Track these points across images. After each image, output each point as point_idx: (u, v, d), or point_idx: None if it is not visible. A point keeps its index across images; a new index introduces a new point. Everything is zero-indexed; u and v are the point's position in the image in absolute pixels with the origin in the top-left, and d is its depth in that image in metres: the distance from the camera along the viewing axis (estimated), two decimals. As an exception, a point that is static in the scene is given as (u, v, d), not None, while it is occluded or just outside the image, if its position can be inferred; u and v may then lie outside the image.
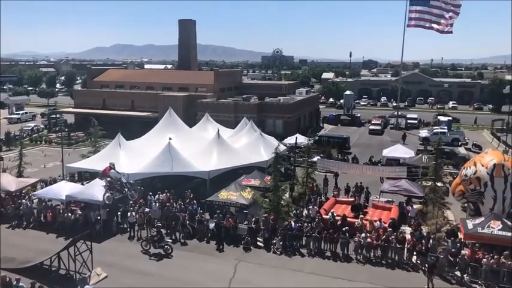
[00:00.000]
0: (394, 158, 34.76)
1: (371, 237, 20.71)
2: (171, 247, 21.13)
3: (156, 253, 20.96)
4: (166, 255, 20.84)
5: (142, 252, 21.19)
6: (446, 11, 54.84)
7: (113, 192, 23.33)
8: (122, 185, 23.75)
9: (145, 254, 21.05)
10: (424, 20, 56.10)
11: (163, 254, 20.86)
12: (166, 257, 20.71)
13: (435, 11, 55.13)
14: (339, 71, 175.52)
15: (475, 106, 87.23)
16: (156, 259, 20.55)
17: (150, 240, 21.30)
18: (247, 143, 33.23)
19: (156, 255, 20.86)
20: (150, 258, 20.64)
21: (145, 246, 21.44)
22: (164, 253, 20.91)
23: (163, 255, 20.80)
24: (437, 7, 55.03)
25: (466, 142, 48.82)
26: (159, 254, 20.87)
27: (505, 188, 21.61)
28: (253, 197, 24.03)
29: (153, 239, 21.21)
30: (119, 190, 23.62)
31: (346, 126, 61.74)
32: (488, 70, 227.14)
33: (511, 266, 17.92)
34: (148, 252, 21.13)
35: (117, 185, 23.64)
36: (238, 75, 74.82)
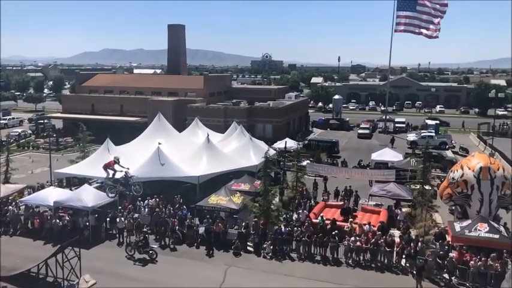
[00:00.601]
0: (382, 162, 35.07)
1: (360, 240, 20.83)
2: (155, 252, 21.01)
3: (141, 258, 20.79)
4: (151, 260, 20.70)
5: (126, 257, 21.02)
6: (435, 16, 55.59)
7: (116, 185, 22.58)
8: (127, 179, 22.85)
9: (129, 259, 20.88)
10: (414, 25, 56.73)
11: (148, 259, 20.70)
12: (151, 262, 20.59)
13: (424, 16, 55.78)
14: (328, 75, 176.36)
15: (461, 110, 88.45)
16: (141, 264, 20.41)
17: (135, 246, 21.15)
18: (237, 148, 33.26)
19: (141, 260, 20.71)
20: (134, 264, 20.50)
21: (129, 252, 21.28)
22: (149, 258, 20.76)
23: (148, 261, 20.65)
24: (427, 13, 55.68)
25: (453, 145, 49.45)
26: (144, 259, 20.71)
27: (491, 190, 21.84)
28: (243, 202, 24.02)
29: (137, 244, 21.06)
30: (123, 184, 22.77)
31: (335, 130, 62.17)
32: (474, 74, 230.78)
33: (498, 268, 18.14)
34: (133, 257, 20.98)
35: (121, 179, 22.78)
36: (227, 79, 74.93)
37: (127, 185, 22.74)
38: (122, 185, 22.65)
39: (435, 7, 55.42)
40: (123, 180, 22.56)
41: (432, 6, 55.40)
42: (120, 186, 22.64)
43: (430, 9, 55.51)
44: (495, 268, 18.20)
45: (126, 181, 22.66)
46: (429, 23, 55.92)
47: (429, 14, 55.61)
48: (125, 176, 22.55)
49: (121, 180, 22.47)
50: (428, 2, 55.38)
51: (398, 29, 58.21)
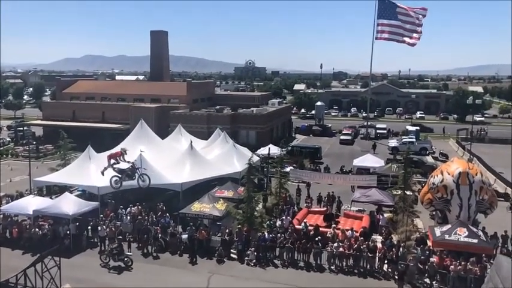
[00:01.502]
0: (364, 167, 35.47)
1: (343, 246, 20.99)
2: (131, 260, 20.75)
3: (116, 266, 20.51)
4: (127, 268, 20.44)
5: (101, 265, 20.70)
6: (418, 25, 56.63)
7: (121, 176, 21.77)
8: (134, 170, 22.12)
9: (104, 267, 20.58)
10: (397, 33, 57.60)
11: (124, 267, 20.43)
12: (127, 270, 20.33)
13: (408, 26, 56.69)
14: (310, 82, 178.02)
15: (441, 116, 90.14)
16: (116, 272, 20.15)
17: (110, 253, 20.83)
18: (220, 154, 33.21)
19: (115, 268, 20.43)
20: (109, 271, 20.24)
21: (104, 260, 20.94)
22: (124, 266, 20.49)
23: (124, 268, 20.39)
24: (410, 22, 56.62)
25: (434, 151, 50.28)
26: (119, 267, 20.42)
27: (469, 195, 22.14)
28: (227, 209, 23.98)
29: (112, 252, 20.76)
30: (129, 175, 21.98)
31: (318, 136, 62.65)
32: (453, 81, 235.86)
33: (478, 272, 18.48)
34: (107, 265, 20.66)
35: (127, 169, 21.99)
36: (211, 86, 74.87)
37: (133, 176, 21.91)
38: (127, 175, 21.73)
39: (418, 17, 56.50)
40: (130, 171, 21.71)
41: (416, 16, 56.43)
42: (126, 177, 21.82)
43: (414, 19, 56.49)
44: (474, 272, 18.52)
45: (133, 172, 21.83)
46: (413, 32, 56.92)
47: (413, 23, 56.59)
48: (131, 166, 21.95)
49: (127, 171, 21.60)
50: (411, 11, 56.44)
51: (379, 36, 59.11)
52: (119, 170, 21.56)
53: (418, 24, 56.44)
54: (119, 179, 21.64)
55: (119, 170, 21.55)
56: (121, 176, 21.63)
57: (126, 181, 22.36)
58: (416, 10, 56.61)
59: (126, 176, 21.76)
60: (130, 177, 21.93)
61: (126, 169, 21.57)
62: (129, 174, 21.80)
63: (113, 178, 21.56)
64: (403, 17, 56.63)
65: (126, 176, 21.77)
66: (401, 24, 56.68)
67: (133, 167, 21.77)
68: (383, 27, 58.52)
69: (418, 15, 56.45)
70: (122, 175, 21.66)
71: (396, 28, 57.22)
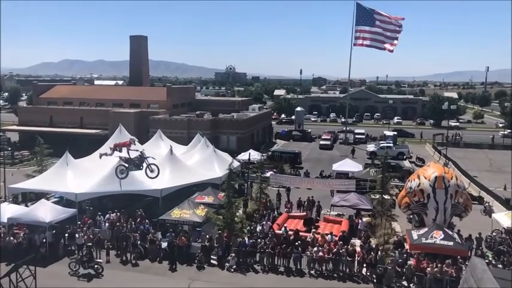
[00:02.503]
0: (343, 172, 35.86)
1: (323, 250, 21.17)
2: (101, 267, 20.41)
3: (86, 274, 20.13)
4: (97, 275, 20.08)
5: (70, 274, 20.24)
6: (398, 32, 57.71)
7: (128, 166, 21.28)
8: (142, 160, 21.54)
9: (73, 275, 20.16)
10: (378, 40, 58.52)
11: (94, 274, 20.07)
12: (97, 277, 19.99)
13: (388, 33, 57.67)
14: (290, 87, 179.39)
15: (417, 121, 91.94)
16: (85, 279, 19.79)
17: (79, 261, 20.37)
18: (200, 160, 33.10)
19: (85, 275, 20.05)
20: (78, 279, 19.86)
21: (73, 268, 20.44)
22: (94, 273, 20.13)
23: (93, 276, 20.03)
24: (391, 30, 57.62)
25: (411, 156, 51.22)
26: (89, 275, 20.05)
27: (445, 199, 22.67)
28: (207, 215, 23.89)
29: (81, 260, 20.31)
30: (137, 165, 21.50)
31: (298, 141, 63.06)
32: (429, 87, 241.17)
33: (453, 274, 18.90)
34: (77, 273, 20.24)
35: (135, 159, 21.46)
36: (191, 91, 74.61)
37: (141, 166, 21.37)
38: (135, 165, 21.19)
39: (398, 24, 57.60)
40: (138, 161, 21.14)
41: (396, 23, 57.52)
42: (134, 166, 21.25)
43: (394, 26, 57.56)
44: (450, 274, 18.93)
45: (141, 161, 21.24)
46: (393, 39, 57.97)
47: (394, 30, 57.66)
48: (139, 156, 21.31)
49: (135, 160, 21.05)
50: (392, 18, 57.50)
51: (358, 42, 60.04)
52: (125, 159, 20.89)
53: (398, 31, 57.62)
54: (125, 168, 20.94)
55: (125, 159, 20.88)
56: (128, 165, 20.95)
57: (133, 171, 21.78)
58: (395, 18, 57.80)
59: (133, 166, 21.18)
60: (138, 167, 21.38)
61: (134, 158, 20.95)
62: (137, 164, 21.20)
63: (119, 167, 20.88)
64: (384, 24, 57.61)
65: (134, 166, 21.19)
66: (382, 31, 57.67)
67: (142, 157, 21.15)
68: (362, 33, 59.48)
69: (397, 21, 57.65)
70: (129, 165, 21.00)
71: (377, 35, 58.17)
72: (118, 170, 21.16)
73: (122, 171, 21.21)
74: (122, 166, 21.17)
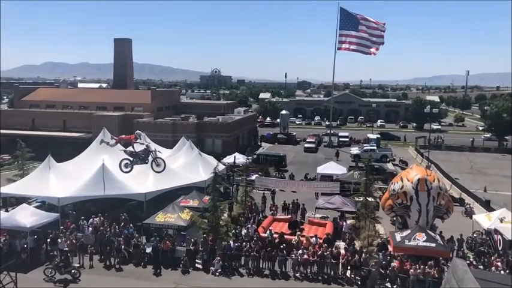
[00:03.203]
0: (327, 175, 36.11)
1: (308, 253, 21.28)
2: (79, 272, 20.05)
3: (62, 279, 19.74)
4: (74, 280, 19.73)
5: (45, 280, 19.75)
6: (381, 36, 58.42)
7: (133, 159, 20.69)
8: (148, 153, 21.04)
9: (48, 281, 19.70)
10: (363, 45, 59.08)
11: (70, 280, 19.71)
12: (73, 283, 19.66)
13: (374, 38, 58.32)
14: (275, 91, 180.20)
15: (400, 124, 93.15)
16: (61, 285, 19.41)
17: (55, 267, 19.90)
18: (185, 163, 32.94)
19: (61, 281, 19.64)
20: (55, 285, 19.45)
21: (49, 274, 19.91)
22: (72, 278, 19.78)
23: (70, 281, 19.68)
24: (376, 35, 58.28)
25: (394, 158, 51.82)
26: (65, 280, 19.68)
27: (428, 201, 22.99)
28: (192, 218, 23.78)
29: (57, 265, 19.86)
30: (142, 158, 20.95)
31: (283, 144, 63.31)
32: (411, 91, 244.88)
33: (436, 275, 19.20)
34: (52, 279, 19.79)
35: (141, 152, 20.94)
36: (176, 94, 74.28)
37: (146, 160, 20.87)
38: (141, 159, 20.71)
39: (383, 29, 58.29)
40: (143, 154, 20.66)
41: (381, 29, 58.22)
42: (139, 160, 20.71)
43: (379, 31, 58.27)
44: (432, 275, 19.22)
45: (147, 155, 20.75)
46: (379, 44, 58.64)
47: (379, 36, 58.35)
48: (145, 149, 20.81)
49: (141, 154, 20.58)
50: (378, 24, 58.19)
51: (342, 47, 60.58)
52: (131, 152, 20.41)
53: (382, 36, 58.36)
54: (130, 162, 20.42)
55: (130, 153, 20.42)
56: (133, 159, 20.46)
57: (139, 164, 21.31)
58: (377, 23, 58.55)
59: (139, 159, 20.67)
60: (144, 160, 20.88)
61: (140, 152, 20.49)
62: (143, 158, 20.70)
63: (123, 161, 20.35)
64: (370, 30, 58.19)
65: (139, 159, 20.69)
66: (369, 36, 58.28)
67: (147, 150, 20.72)
68: (346, 38, 60.02)
69: (382, 26, 58.40)
70: (134, 158, 20.50)
71: (363, 40, 58.72)
72: (122, 163, 20.63)
73: (126, 165, 20.69)
74: (127, 160, 20.69)
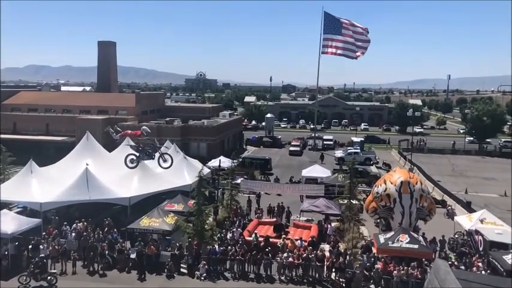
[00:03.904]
0: (312, 178, 36.35)
1: (293, 256, 21.36)
2: (55, 278, 19.70)
3: (37, 286, 19.32)
4: (50, 287, 19.37)
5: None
6: (367, 41, 59.08)
7: (140, 155, 20.25)
8: (155, 149, 20.59)
9: None
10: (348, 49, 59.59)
11: (46, 287, 19.33)
12: None
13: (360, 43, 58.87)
14: (261, 94, 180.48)
15: (384, 127, 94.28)
16: None
17: (31, 274, 19.34)
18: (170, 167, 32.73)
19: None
20: None
21: (23, 281, 19.30)
22: (48, 285, 19.39)
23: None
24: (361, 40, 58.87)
25: (377, 161, 52.43)
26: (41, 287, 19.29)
27: (411, 203, 23.31)
28: (177, 223, 23.67)
29: (33, 272, 19.30)
30: (149, 154, 20.52)
31: (268, 147, 63.51)
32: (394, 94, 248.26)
33: (419, 276, 19.48)
34: (27, 286, 19.28)
35: (148, 148, 20.50)
36: (161, 97, 73.91)
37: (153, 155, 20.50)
38: (147, 154, 20.35)
39: (362, 32, 58.91)
40: (150, 150, 20.26)
41: (366, 34, 58.85)
42: (146, 155, 20.33)
43: (363, 36, 58.93)
44: (416, 276, 19.50)
45: (154, 151, 20.36)
46: (364, 48, 59.27)
47: (365, 40, 58.99)
48: (152, 145, 20.44)
49: (147, 149, 20.18)
50: (363, 29, 58.82)
51: (326, 51, 61.05)
52: (137, 148, 19.91)
53: (368, 41, 59.03)
54: (136, 158, 20.12)
55: (137, 148, 19.95)
56: (139, 154, 20.15)
57: (145, 160, 20.95)
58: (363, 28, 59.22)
59: (145, 155, 20.36)
60: (150, 156, 20.56)
61: (147, 147, 20.11)
62: (149, 153, 20.38)
63: (129, 157, 20.01)
64: (356, 35, 58.74)
65: (146, 155, 20.37)
66: (353, 41, 58.85)
67: (155, 146, 20.42)
68: (330, 42, 60.49)
69: (365, 32, 59.07)
70: (140, 154, 20.17)
71: (349, 44, 59.25)
72: (128, 159, 20.28)
73: (132, 161, 20.36)
74: (133, 155, 20.39)
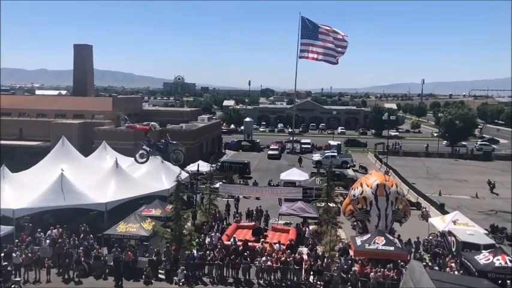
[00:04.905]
0: (290, 181, 36.63)
1: (271, 260, 21.44)
2: (19, 286, 19.26)
3: None
4: None
5: None
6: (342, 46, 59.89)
7: (150, 150, 19.62)
8: (167, 145, 19.94)
9: None
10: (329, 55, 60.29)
11: None
12: None
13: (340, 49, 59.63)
14: (239, 98, 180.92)
15: (360, 131, 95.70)
16: None
17: None
18: (147, 172, 32.40)
19: None
20: None
21: None
22: None
23: None
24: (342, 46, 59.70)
25: (354, 164, 53.14)
26: None
27: (386, 205, 23.69)
28: (154, 228, 23.45)
29: None
30: (160, 149, 19.91)
31: (247, 151, 63.61)
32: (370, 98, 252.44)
33: (395, 277, 19.83)
34: None
35: (159, 143, 19.91)
36: (138, 101, 73.08)
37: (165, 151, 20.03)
38: (158, 149, 19.84)
39: (337, 37, 59.77)
40: (161, 145, 19.76)
41: (345, 40, 59.69)
42: (156, 151, 19.83)
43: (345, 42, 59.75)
44: (392, 278, 19.82)
45: (165, 146, 19.83)
46: (342, 53, 60.09)
47: (344, 46, 59.80)
48: (164, 140, 19.84)
49: (159, 144, 19.70)
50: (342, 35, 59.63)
51: (304, 55, 61.71)
52: (148, 143, 19.53)
53: (346, 46, 59.96)
54: (147, 153, 19.68)
55: (148, 143, 19.54)
56: (150, 149, 19.69)
57: (156, 155, 20.57)
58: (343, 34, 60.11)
59: (156, 150, 19.88)
60: (162, 151, 20.16)
61: (159, 143, 19.73)
62: (160, 149, 19.91)
63: (139, 151, 19.56)
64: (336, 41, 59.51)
65: (157, 150, 19.90)
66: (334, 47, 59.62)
67: (167, 141, 19.88)
68: (308, 46, 61.18)
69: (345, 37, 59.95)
70: (151, 149, 19.67)
71: (328, 50, 59.98)
72: (138, 153, 19.87)
73: (142, 156, 19.93)
74: (143, 150, 20.00)
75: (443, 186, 41.78)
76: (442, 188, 40.61)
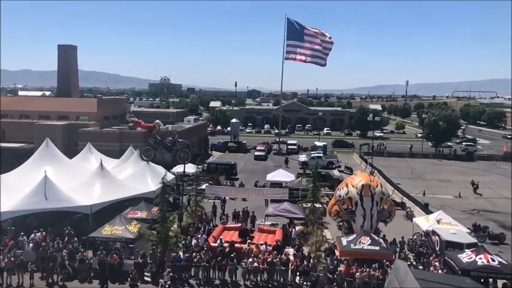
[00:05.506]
0: (277, 182, 36.76)
1: (258, 261, 21.48)
2: None
3: None
4: None
5: None
6: (328, 48, 60.26)
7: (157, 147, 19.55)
8: (174, 143, 19.84)
9: None
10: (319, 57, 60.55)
11: None
12: None
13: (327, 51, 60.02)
14: (226, 99, 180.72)
15: (345, 132, 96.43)
16: None
17: None
18: (133, 173, 32.22)
19: None
20: None
21: None
22: None
23: None
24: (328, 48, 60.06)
25: (339, 165, 53.53)
26: None
27: (372, 206, 23.87)
28: (140, 230, 23.27)
29: None
30: (167, 147, 19.78)
31: (234, 152, 63.59)
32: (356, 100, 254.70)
33: (380, 277, 20.04)
34: None
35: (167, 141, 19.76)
36: (123, 102, 72.43)
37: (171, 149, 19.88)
38: (165, 147, 19.66)
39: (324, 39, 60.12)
40: (169, 143, 19.58)
41: (330, 41, 60.05)
42: (163, 148, 19.66)
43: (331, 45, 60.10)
44: (377, 277, 20.03)
45: (173, 145, 19.72)
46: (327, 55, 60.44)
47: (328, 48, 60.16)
48: (171, 138, 19.62)
49: (166, 142, 19.50)
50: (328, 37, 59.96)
51: (296, 57, 61.81)
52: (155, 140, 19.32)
53: (328, 48, 60.33)
54: (151, 151, 19.50)
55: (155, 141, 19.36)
56: (156, 147, 19.49)
57: (163, 153, 20.29)
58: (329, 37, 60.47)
59: (163, 148, 19.78)
60: (169, 149, 20.01)
61: (166, 141, 19.52)
62: (168, 147, 19.80)
63: (145, 149, 19.37)
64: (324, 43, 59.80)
65: (164, 148, 19.80)
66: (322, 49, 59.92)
67: (174, 139, 19.72)
68: (295, 48, 61.38)
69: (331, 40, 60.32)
70: (158, 146, 19.48)
71: (316, 52, 60.25)
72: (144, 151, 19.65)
73: (148, 154, 19.73)
74: (150, 148, 19.76)
75: (428, 187, 42.37)
76: (426, 188, 41.19)
